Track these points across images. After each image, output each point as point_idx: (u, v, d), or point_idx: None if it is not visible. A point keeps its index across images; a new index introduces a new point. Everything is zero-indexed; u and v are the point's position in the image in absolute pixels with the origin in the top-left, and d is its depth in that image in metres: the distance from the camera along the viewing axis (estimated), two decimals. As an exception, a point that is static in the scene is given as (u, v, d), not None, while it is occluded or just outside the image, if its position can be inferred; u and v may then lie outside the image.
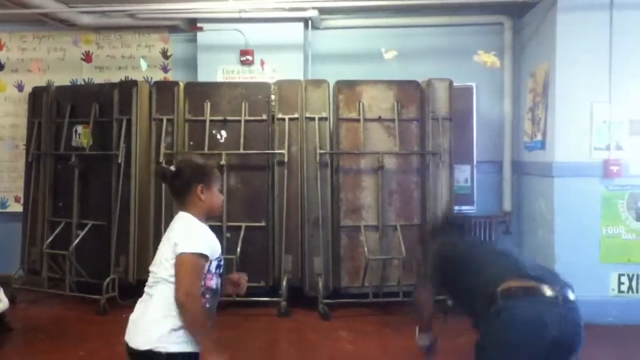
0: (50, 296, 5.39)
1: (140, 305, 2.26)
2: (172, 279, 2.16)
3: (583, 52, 4.78)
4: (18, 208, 6.06)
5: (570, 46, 4.80)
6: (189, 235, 2.21)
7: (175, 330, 2.15)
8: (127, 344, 2.23)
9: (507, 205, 5.89)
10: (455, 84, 5.39)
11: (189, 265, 2.15)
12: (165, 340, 2.15)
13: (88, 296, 5.16)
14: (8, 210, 6.25)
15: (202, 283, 2.20)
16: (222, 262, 2.35)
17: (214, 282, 2.29)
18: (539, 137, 5.21)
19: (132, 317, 2.27)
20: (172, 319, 2.15)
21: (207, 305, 2.24)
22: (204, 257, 2.19)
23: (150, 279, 2.26)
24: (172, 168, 2.31)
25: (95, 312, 4.97)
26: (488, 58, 5.76)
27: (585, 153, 4.79)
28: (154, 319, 2.18)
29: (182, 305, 2.12)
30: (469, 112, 5.87)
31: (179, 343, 2.16)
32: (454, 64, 5.80)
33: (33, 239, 5.71)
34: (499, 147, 5.92)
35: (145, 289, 2.27)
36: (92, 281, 5.28)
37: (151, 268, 2.28)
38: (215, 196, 2.34)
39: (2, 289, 4.49)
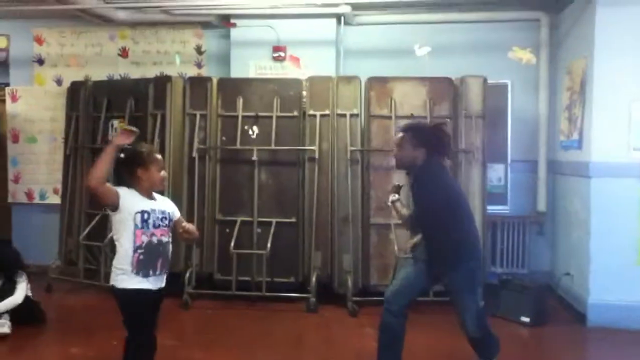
0: (86, 286, 5.53)
1: None
2: (118, 234, 2.94)
3: (622, 49, 4.64)
4: (56, 200, 6.22)
5: (609, 42, 4.66)
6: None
7: (123, 272, 2.91)
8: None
9: (541, 206, 5.77)
10: (489, 81, 5.30)
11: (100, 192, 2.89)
12: (119, 279, 2.92)
13: (121, 287, 5.27)
14: (47, 201, 6.42)
15: (133, 239, 2.89)
16: (147, 218, 2.93)
17: (145, 238, 2.92)
18: (576, 136, 5.09)
19: None
20: (121, 261, 2.91)
21: (141, 257, 2.90)
22: (116, 189, 2.91)
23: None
24: (121, 156, 3.00)
25: (128, 303, 5.08)
26: (524, 54, 5.65)
27: (624, 153, 4.65)
28: (114, 264, 2.97)
29: (90, 181, 2.85)
30: (504, 109, 5.77)
31: (128, 281, 2.91)
32: (488, 60, 5.71)
33: (70, 230, 5.86)
34: (533, 145, 5.80)
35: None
36: (125, 273, 5.39)
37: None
38: (152, 174, 2.98)
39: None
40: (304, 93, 5.39)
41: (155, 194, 3.06)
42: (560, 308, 5.11)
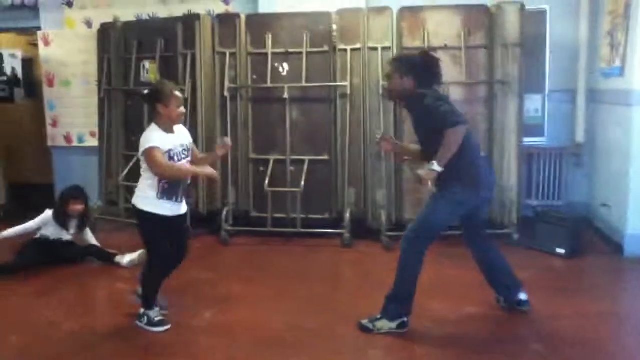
0: (128, 226, 5.70)
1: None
2: (144, 165, 3.28)
3: (672, -32, 4.36)
4: (94, 142, 6.34)
5: (658, -39, 4.39)
6: (143, 139, 3.26)
7: (150, 198, 3.30)
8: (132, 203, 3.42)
9: (579, 136, 5.63)
10: (527, 7, 5.08)
11: (150, 156, 3.20)
12: (143, 203, 3.32)
13: (161, 226, 5.44)
14: (85, 144, 6.55)
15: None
16: (174, 154, 3.29)
17: None
18: (618, 63, 4.88)
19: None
20: (148, 190, 3.30)
21: (166, 186, 3.28)
22: (156, 147, 3.20)
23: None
24: (145, 92, 3.37)
25: (169, 240, 5.25)
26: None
27: (669, 79, 4.46)
28: (140, 189, 3.37)
29: (161, 176, 3.24)
30: (542, 37, 5.55)
31: (153, 207, 3.30)
32: (526, -15, 5.45)
33: (109, 172, 6.01)
34: (573, 74, 5.60)
35: None
36: (164, 212, 5.54)
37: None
38: (171, 111, 3.26)
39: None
40: (334, 27, 5.27)
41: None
42: (597, 240, 5.07)
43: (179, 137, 3.39)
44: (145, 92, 3.37)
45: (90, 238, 4.81)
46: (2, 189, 6.43)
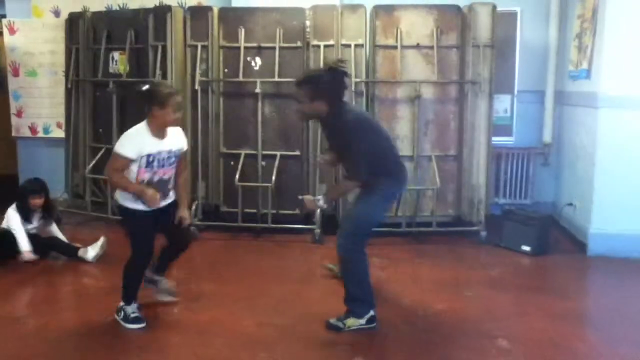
0: (94, 219, 5.62)
1: None
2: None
3: (638, -26, 4.47)
4: (60, 134, 6.21)
5: (625, -33, 4.49)
6: (122, 139, 3.19)
7: (127, 193, 3.24)
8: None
9: (547, 137, 5.74)
10: (498, 9, 5.15)
11: (112, 158, 3.19)
12: (122, 198, 3.27)
13: (129, 220, 5.36)
14: (51, 135, 6.41)
15: (135, 176, 3.18)
16: (153, 159, 3.17)
17: (147, 175, 3.20)
18: (585, 66, 4.99)
19: None
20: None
21: (144, 183, 3.20)
22: (122, 156, 3.13)
23: None
24: (143, 88, 3.21)
25: (137, 235, 5.17)
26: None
27: (634, 84, 4.56)
28: None
29: (109, 181, 3.56)
30: (512, 38, 5.64)
31: (131, 201, 3.25)
32: (498, -14, 5.52)
33: (76, 164, 5.89)
34: (542, 76, 5.70)
35: None
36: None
37: None
38: (167, 114, 3.14)
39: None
40: (308, 23, 5.25)
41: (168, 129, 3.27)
42: (562, 238, 5.18)
43: (169, 143, 3.25)
44: (143, 88, 3.23)
45: (56, 231, 4.70)
46: (-37, 180, 6.25)
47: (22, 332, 3.34)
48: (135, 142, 3.15)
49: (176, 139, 3.32)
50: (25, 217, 4.52)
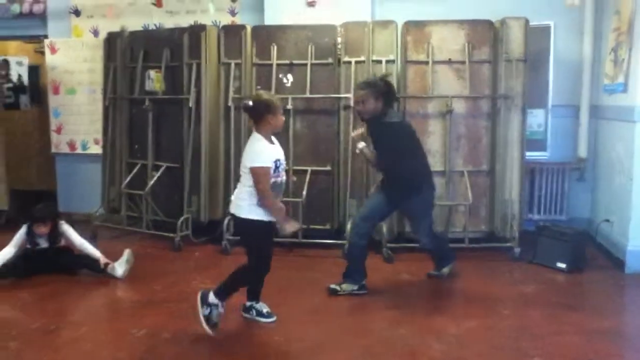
0: (129, 233, 5.72)
1: (237, 188, 3.50)
2: (248, 176, 3.36)
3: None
4: (97, 150, 6.38)
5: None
6: (254, 154, 3.35)
7: (254, 205, 3.37)
8: (231, 213, 3.53)
9: (582, 152, 5.64)
10: (531, 23, 5.12)
11: (257, 175, 3.32)
12: (248, 211, 3.39)
13: (164, 234, 5.45)
14: (88, 152, 6.58)
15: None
16: (279, 164, 3.39)
17: (273, 179, 3.36)
18: (621, 80, 4.90)
19: (233, 195, 3.54)
20: (252, 198, 3.36)
21: (272, 193, 3.37)
22: (264, 167, 3.31)
23: (241, 171, 3.45)
24: (250, 103, 3.41)
25: (170, 249, 5.25)
26: (568, -4, 5.39)
27: (671, 96, 4.47)
28: (242, 198, 3.42)
29: (260, 198, 3.35)
30: (546, 53, 5.58)
31: (257, 213, 3.39)
32: (530, 1, 5.48)
33: (112, 180, 6.03)
34: (576, 90, 5.62)
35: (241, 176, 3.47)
36: (167, 220, 5.57)
37: (242, 164, 3.44)
38: (279, 120, 3.42)
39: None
40: (339, 39, 5.31)
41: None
42: (599, 255, 5.06)
43: (280, 149, 3.50)
44: (250, 104, 3.41)
45: (87, 247, 4.63)
46: (4, 195, 6.44)
47: (57, 343, 3.41)
48: (267, 151, 3.36)
49: (280, 147, 3.53)
50: (31, 241, 4.53)
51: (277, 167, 3.37)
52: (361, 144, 4.18)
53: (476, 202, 5.11)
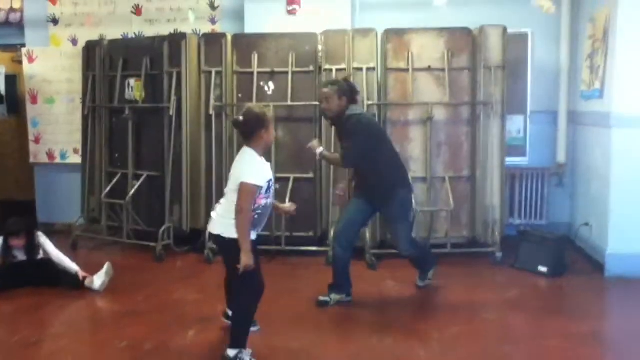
0: (110, 243, 5.66)
1: (219, 204, 3.28)
2: (236, 194, 3.07)
3: (648, -5, 4.49)
4: (77, 159, 6.29)
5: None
6: (248, 169, 3.11)
7: (228, 221, 3.09)
8: (215, 234, 3.23)
9: (561, 157, 5.72)
10: (509, 31, 5.19)
11: (245, 191, 3.05)
12: (228, 230, 3.10)
13: (145, 244, 5.39)
14: (68, 161, 6.49)
15: (254, 201, 3.10)
16: (271, 184, 3.20)
17: (264, 201, 3.16)
18: (597, 86, 4.99)
19: (213, 212, 3.30)
20: (233, 218, 3.07)
21: (256, 217, 3.14)
22: (256, 186, 3.07)
23: (227, 188, 3.22)
24: (241, 118, 3.17)
25: (152, 258, 5.20)
26: (544, 2, 5.47)
27: (646, 103, 4.56)
28: (222, 215, 3.17)
29: (237, 216, 3.05)
30: (524, 60, 5.65)
31: (233, 232, 3.08)
32: (508, 9, 5.56)
33: (92, 189, 5.96)
34: (554, 96, 5.70)
35: (225, 192, 3.26)
36: (148, 229, 5.51)
37: (229, 180, 3.21)
38: (271, 134, 3.23)
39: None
40: (320, 47, 5.33)
41: None
42: (579, 259, 5.13)
43: (269, 166, 3.26)
44: (241, 119, 3.16)
45: (64, 260, 4.53)
46: (-18, 206, 6.33)
47: (38, 356, 3.36)
48: (261, 169, 3.14)
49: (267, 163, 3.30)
50: (7, 254, 4.47)
51: (269, 188, 3.16)
52: (319, 149, 4.20)
53: (458, 208, 5.15)
